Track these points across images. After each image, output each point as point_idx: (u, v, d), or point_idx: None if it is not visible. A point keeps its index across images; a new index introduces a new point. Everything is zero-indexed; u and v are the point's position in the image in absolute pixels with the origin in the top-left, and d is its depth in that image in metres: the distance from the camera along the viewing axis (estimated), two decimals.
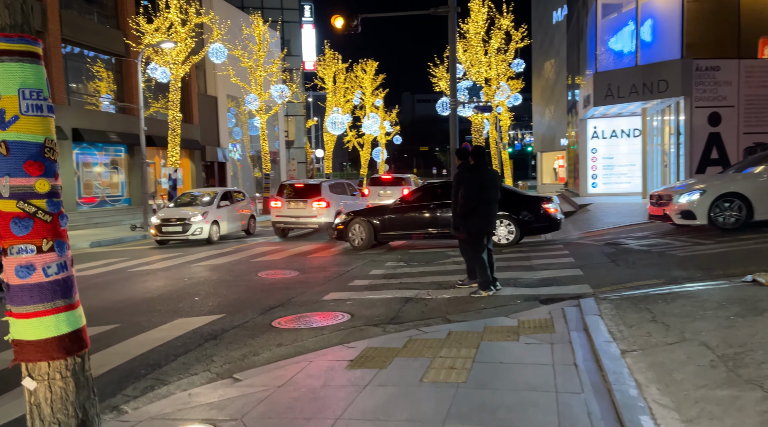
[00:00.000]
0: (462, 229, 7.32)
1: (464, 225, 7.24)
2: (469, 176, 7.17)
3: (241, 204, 17.24)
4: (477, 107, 16.97)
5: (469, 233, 7.26)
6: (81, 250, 15.13)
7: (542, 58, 46.19)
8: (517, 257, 10.47)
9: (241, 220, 17.08)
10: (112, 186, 22.47)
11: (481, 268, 7.19)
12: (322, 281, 9.07)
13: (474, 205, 7.08)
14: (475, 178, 7.12)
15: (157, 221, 15.18)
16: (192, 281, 9.51)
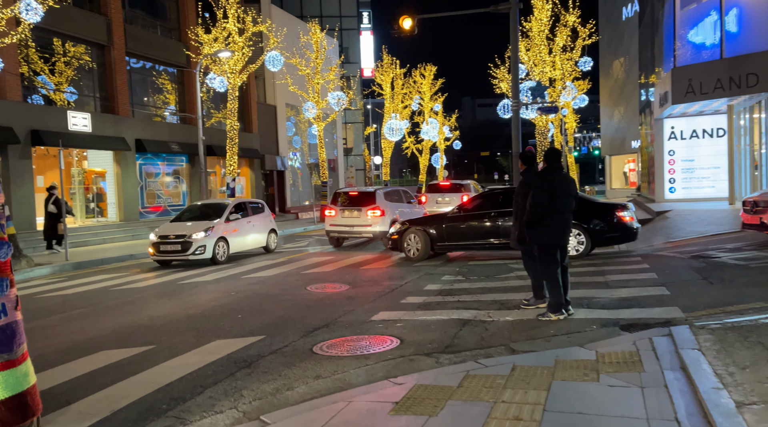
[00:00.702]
0: (528, 240, 6.46)
1: (531, 236, 6.37)
2: (539, 181, 6.30)
3: (258, 217, 15.02)
4: (541, 109, 15.90)
5: (538, 245, 6.39)
6: (139, 260, 15.22)
7: (610, 56, 43.98)
8: (589, 272, 9.43)
9: (258, 235, 14.90)
10: (174, 195, 22.86)
11: (553, 287, 6.30)
12: (373, 296, 8.41)
13: (543, 213, 6.21)
14: (545, 184, 6.25)
15: (155, 239, 13.10)
16: (239, 295, 9.10)
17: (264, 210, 15.44)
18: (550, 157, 6.44)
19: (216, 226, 13.31)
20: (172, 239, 12.93)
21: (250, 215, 14.71)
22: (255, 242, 14.82)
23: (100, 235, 18.22)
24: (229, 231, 13.67)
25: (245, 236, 14.32)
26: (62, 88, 18.67)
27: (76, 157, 19.83)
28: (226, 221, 13.70)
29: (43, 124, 16.67)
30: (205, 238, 12.92)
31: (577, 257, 10.90)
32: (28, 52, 17.48)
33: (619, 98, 42.94)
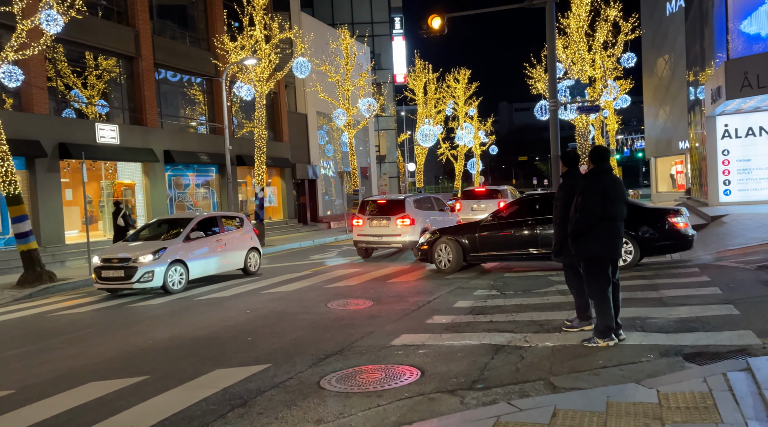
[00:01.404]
0: (574, 253, 5.59)
1: (578, 248, 5.50)
2: (587, 184, 5.42)
3: (233, 234, 12.71)
4: (581, 108, 14.83)
5: (585, 259, 5.52)
6: None
7: (654, 54, 42.10)
8: (640, 286, 8.42)
9: (233, 255, 12.53)
10: (204, 206, 22.64)
11: (603, 308, 5.41)
12: (397, 315, 7.64)
13: (592, 221, 5.33)
14: (594, 187, 5.35)
15: (98, 262, 10.95)
16: (254, 313, 8.48)
17: (243, 225, 13.26)
18: (597, 156, 5.55)
19: (170, 247, 10.99)
20: (114, 264, 10.70)
21: (222, 231, 12.42)
22: (228, 264, 12.43)
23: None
24: (190, 252, 11.35)
25: (213, 257, 11.96)
26: (93, 102, 18.67)
27: (108, 169, 19.80)
28: (185, 240, 11.38)
29: (70, 137, 16.62)
30: (154, 262, 10.60)
31: (624, 268, 9.88)
32: (56, 65, 17.50)
33: (665, 97, 41.00)
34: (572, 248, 5.56)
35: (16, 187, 12.55)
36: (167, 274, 10.74)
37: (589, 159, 5.57)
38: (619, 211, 5.44)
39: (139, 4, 19.41)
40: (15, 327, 8.82)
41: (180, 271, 11.06)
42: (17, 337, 8.02)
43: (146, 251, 10.77)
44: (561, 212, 5.82)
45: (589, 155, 5.60)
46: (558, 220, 5.87)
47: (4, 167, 12.39)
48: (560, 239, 5.82)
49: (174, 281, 10.93)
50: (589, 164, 5.60)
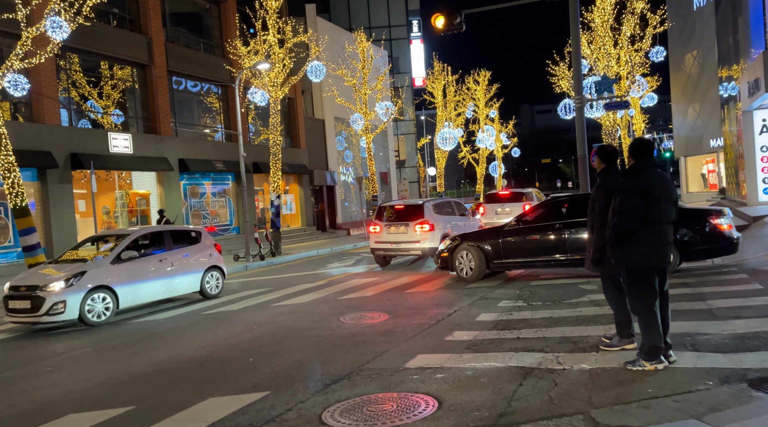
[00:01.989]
0: (614, 262, 4.88)
1: (618, 257, 4.78)
2: (626, 183, 4.71)
3: (181, 253, 10.69)
4: (609, 105, 13.96)
5: (628, 269, 4.79)
6: None
7: (681, 50, 40.71)
8: (685, 295, 7.61)
9: (185, 278, 10.66)
10: (221, 215, 22.30)
11: (649, 325, 4.68)
12: (414, 331, 6.97)
13: (633, 226, 4.61)
14: (635, 186, 4.63)
15: (6, 291, 9.27)
16: (261, 328, 7.89)
17: (200, 240, 11.29)
18: (638, 149, 4.82)
19: (91, 271, 9.20)
20: (22, 292, 8.94)
21: (169, 249, 10.53)
22: (176, 288, 10.54)
23: None
24: (119, 276, 9.50)
25: (155, 280, 10.11)
26: (109, 111, 18.46)
27: (125, 179, 19.56)
28: (115, 261, 9.55)
29: (83, 147, 16.37)
30: (67, 290, 8.80)
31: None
32: (69, 74, 17.30)
33: (694, 94, 39.56)
34: (612, 256, 4.84)
35: (23, 199, 12.23)
36: (85, 303, 8.94)
37: (629, 154, 4.85)
38: (666, 213, 4.70)
39: (151, 12, 19.18)
40: (6, 349, 8.39)
41: (105, 299, 9.24)
42: (5, 359, 7.57)
43: (59, 277, 8.92)
44: (599, 215, 5.09)
45: (629, 149, 4.87)
46: (595, 224, 5.15)
47: (10, 179, 12.09)
48: (599, 245, 5.08)
49: (96, 312, 9.11)
50: (628, 160, 4.88)
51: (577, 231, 9.61)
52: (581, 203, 10.04)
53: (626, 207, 4.60)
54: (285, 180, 27.14)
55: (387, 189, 38.28)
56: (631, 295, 4.84)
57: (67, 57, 17.05)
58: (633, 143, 4.89)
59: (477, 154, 41.36)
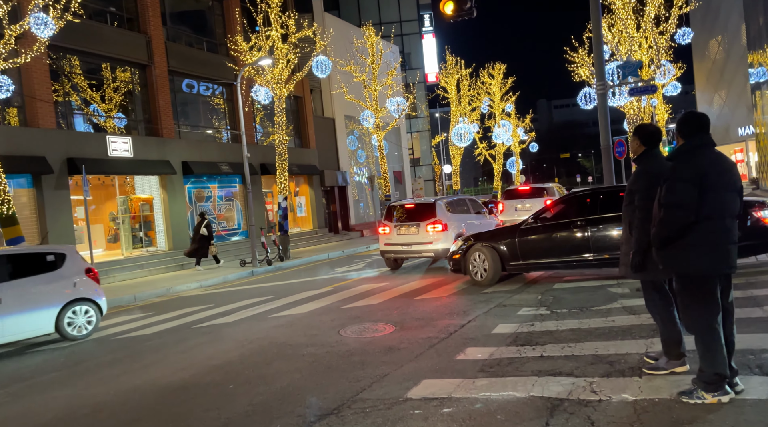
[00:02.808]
0: (662, 267, 3.92)
1: (667, 260, 3.82)
2: (675, 168, 3.75)
3: (24, 286, 8.29)
4: (634, 90, 12.86)
5: (680, 277, 3.83)
6: (180, 293, 13.72)
7: (705, 36, 39.19)
8: (734, 299, 6.56)
9: (24, 317, 8.17)
10: (228, 219, 21.60)
11: (709, 346, 3.75)
12: (421, 347, 6.08)
13: (689, 220, 3.67)
14: (685, 172, 3.68)
15: None
16: (251, 345, 7.06)
17: (61, 266, 8.74)
18: (691, 125, 3.86)
19: None
20: None
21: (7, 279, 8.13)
22: (10, 330, 8.04)
23: (146, 266, 17.07)
24: None
25: None
26: (112, 114, 17.86)
27: (127, 184, 18.96)
28: None
29: (80, 152, 15.76)
30: None
31: None
32: (63, 76, 16.71)
33: (719, 81, 38.05)
34: (659, 260, 3.88)
35: (10, 207, 11.60)
36: None
37: (677, 131, 3.89)
38: (728, 204, 3.74)
39: (150, 10, 18.54)
40: None
41: None
42: None
43: None
44: (640, 210, 4.15)
45: (678, 125, 3.91)
46: (635, 221, 4.20)
47: None
48: (640, 247, 4.13)
49: None
50: (677, 139, 3.92)
51: (602, 228, 8.67)
52: (605, 197, 9.09)
53: (677, 198, 3.65)
54: (295, 181, 26.40)
55: (401, 188, 37.34)
56: (685, 309, 3.87)
57: (62, 58, 16.45)
58: (683, 118, 3.92)
59: (494, 150, 40.22)
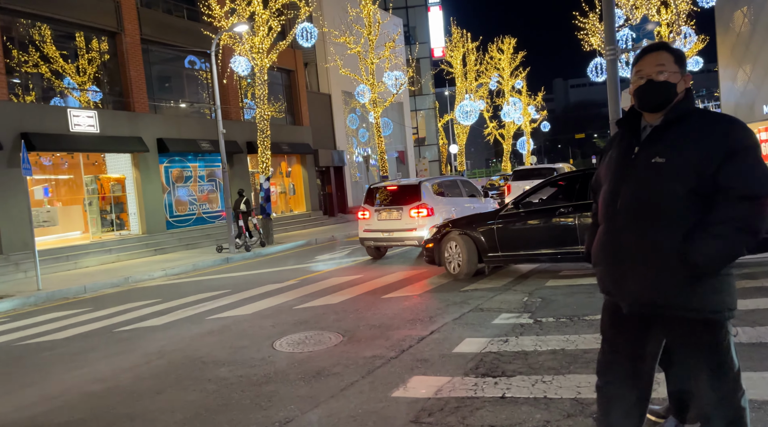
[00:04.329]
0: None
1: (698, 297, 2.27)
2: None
3: None
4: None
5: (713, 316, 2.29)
6: (138, 284, 12.47)
7: (730, 7, 36.68)
8: (755, 298, 5.08)
9: None
10: (210, 201, 20.29)
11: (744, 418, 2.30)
12: (357, 371, 4.71)
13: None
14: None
15: None
16: (159, 361, 5.75)
17: None
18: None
19: None
20: None
21: None
22: None
23: (115, 251, 15.86)
24: None
25: None
26: (86, 88, 16.50)
27: (94, 162, 17.65)
28: None
29: (37, 127, 14.45)
30: None
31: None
32: (20, 44, 15.32)
33: (745, 55, 35.64)
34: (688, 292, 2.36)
35: None
36: None
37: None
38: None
39: None
40: None
41: None
42: None
43: None
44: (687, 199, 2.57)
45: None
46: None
47: None
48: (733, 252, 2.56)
49: None
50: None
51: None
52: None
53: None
54: (287, 161, 25.01)
55: (404, 169, 35.77)
56: (719, 367, 2.36)
57: (16, 23, 15.06)
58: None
59: (504, 130, 38.43)
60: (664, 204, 2.21)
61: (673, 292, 2.22)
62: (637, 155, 2.33)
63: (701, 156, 2.16)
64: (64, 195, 17.78)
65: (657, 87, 2.27)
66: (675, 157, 2.20)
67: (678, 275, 2.20)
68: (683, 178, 2.18)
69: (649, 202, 2.24)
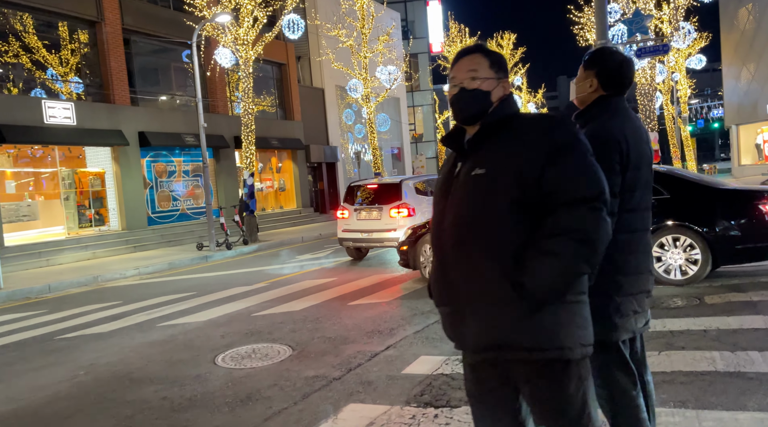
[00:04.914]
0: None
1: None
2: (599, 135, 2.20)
3: None
4: (642, 50, 10.52)
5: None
6: (107, 283, 11.99)
7: (735, 4, 35.98)
8: (740, 315, 4.56)
9: None
10: (195, 196, 19.78)
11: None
12: (291, 396, 4.21)
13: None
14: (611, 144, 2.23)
15: None
16: (84, 378, 5.26)
17: None
18: (608, 72, 2.45)
19: None
20: None
21: None
22: None
23: (91, 248, 15.38)
24: None
25: None
26: (68, 78, 15.98)
27: (77, 156, 17.14)
28: None
29: (9, 119, 13.95)
30: None
31: (691, 282, 6.33)
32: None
33: (748, 54, 34.95)
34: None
35: None
36: None
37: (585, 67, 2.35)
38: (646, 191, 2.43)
39: None
40: None
41: None
42: None
43: None
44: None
45: (586, 62, 2.20)
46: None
47: None
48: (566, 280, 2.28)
49: None
50: (593, 87, 2.08)
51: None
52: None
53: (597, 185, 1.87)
54: (277, 156, 24.49)
55: (400, 166, 35.22)
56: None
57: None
58: (592, 56, 2.50)
59: None
60: (488, 221, 1.83)
61: (508, 329, 1.81)
62: (459, 171, 1.96)
63: (522, 160, 1.80)
64: (45, 189, 17.32)
65: (468, 96, 1.93)
66: (495, 166, 1.85)
67: (517, 308, 1.79)
68: (505, 189, 1.81)
69: (472, 222, 1.86)
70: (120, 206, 16.83)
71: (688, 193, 6.64)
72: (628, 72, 2.40)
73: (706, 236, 6.39)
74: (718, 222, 6.41)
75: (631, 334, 2.37)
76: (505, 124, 1.90)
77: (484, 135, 1.91)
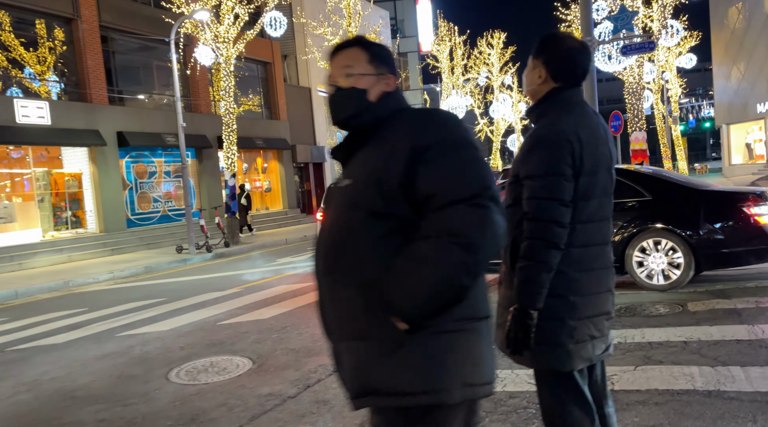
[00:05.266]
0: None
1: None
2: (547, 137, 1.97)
3: None
4: (628, 48, 10.20)
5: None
6: (79, 288, 11.62)
7: (724, 4, 35.96)
8: (723, 324, 4.27)
9: None
10: (177, 198, 19.40)
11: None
12: (247, 413, 3.90)
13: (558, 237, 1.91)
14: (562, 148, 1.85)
15: None
16: (23, 396, 4.90)
17: None
18: (559, 61, 2.08)
19: None
20: None
21: None
22: None
23: (66, 251, 14.98)
24: None
25: None
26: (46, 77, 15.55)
27: (55, 156, 16.72)
28: None
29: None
30: None
31: (673, 288, 6.12)
32: None
33: (739, 53, 34.93)
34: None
35: None
36: None
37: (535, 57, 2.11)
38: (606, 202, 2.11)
39: None
40: None
41: None
42: None
43: None
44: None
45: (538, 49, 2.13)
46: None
47: None
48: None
49: None
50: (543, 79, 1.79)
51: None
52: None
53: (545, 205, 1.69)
54: (263, 156, 24.14)
55: None
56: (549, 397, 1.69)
57: None
58: (544, 41, 2.17)
59: (495, 127, 37.64)
60: (351, 242, 1.52)
61: (378, 369, 1.48)
62: (336, 184, 1.67)
63: (385, 162, 1.49)
64: (26, 190, 16.89)
65: (342, 95, 1.63)
66: (359, 175, 1.55)
67: (384, 342, 1.46)
68: (367, 202, 1.49)
69: (337, 244, 1.56)
70: (98, 208, 16.42)
71: (670, 194, 6.37)
72: (581, 60, 2.08)
73: (688, 240, 6.12)
74: (700, 225, 6.15)
75: (588, 362, 2.06)
76: (382, 126, 1.58)
77: (353, 140, 1.62)
